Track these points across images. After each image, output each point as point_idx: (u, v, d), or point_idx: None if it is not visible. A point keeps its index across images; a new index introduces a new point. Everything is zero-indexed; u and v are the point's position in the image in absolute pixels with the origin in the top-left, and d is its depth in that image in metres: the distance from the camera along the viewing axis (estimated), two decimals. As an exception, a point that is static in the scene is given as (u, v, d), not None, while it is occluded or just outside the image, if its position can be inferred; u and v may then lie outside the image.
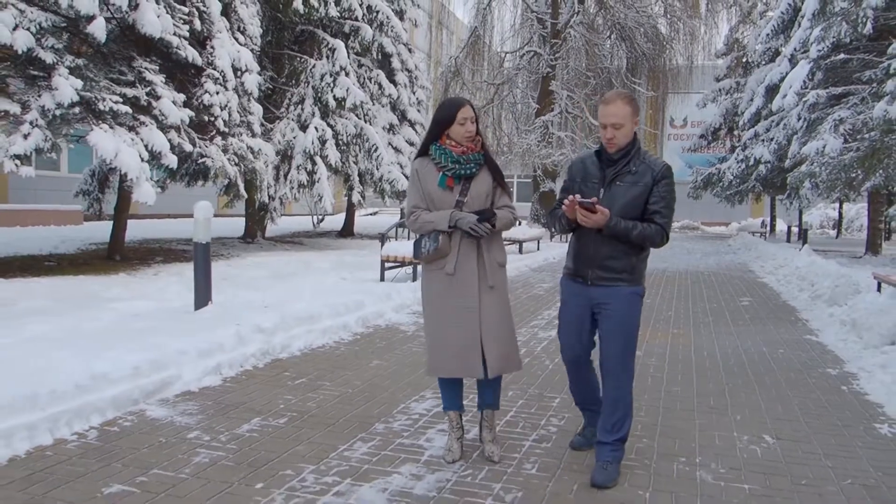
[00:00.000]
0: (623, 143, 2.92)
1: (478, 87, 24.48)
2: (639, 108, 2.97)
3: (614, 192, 2.93)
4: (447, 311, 3.07)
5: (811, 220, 30.67)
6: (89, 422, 3.42)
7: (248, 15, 11.42)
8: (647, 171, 2.91)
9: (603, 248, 2.94)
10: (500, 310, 3.12)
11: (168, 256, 11.68)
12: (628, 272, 2.96)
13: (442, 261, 3.09)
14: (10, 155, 7.39)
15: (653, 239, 2.90)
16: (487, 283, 3.08)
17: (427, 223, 3.08)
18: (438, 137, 3.11)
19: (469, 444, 3.39)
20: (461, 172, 3.07)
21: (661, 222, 2.91)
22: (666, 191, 2.92)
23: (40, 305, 6.33)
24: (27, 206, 17.04)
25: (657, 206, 2.91)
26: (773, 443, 3.50)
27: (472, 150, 3.10)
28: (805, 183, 11.56)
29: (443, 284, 3.09)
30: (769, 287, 10.67)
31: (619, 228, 2.85)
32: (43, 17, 7.65)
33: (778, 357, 5.55)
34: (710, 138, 29.06)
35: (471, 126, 3.06)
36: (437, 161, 3.08)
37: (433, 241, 3.05)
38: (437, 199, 3.09)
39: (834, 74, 13.05)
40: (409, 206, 3.18)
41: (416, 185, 3.14)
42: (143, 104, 8.80)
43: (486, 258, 3.11)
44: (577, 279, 3.06)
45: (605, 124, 2.92)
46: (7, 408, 3.14)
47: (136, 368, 3.89)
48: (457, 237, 3.07)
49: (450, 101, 3.14)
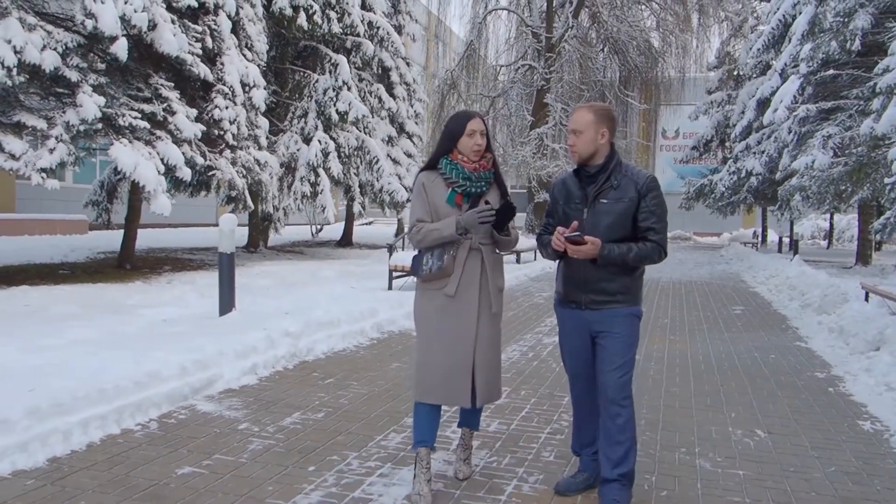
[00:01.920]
0: (585, 152, 2.81)
1: (473, 99, 24.93)
2: (610, 120, 2.84)
3: (598, 210, 2.80)
4: (442, 334, 2.92)
5: (802, 230, 31.28)
6: (148, 414, 3.77)
7: (256, 32, 11.81)
8: (631, 185, 2.78)
9: (594, 270, 2.79)
10: (494, 339, 3.02)
11: (176, 265, 11.98)
12: (623, 293, 2.83)
13: (442, 281, 2.93)
14: (37, 168, 7.73)
15: (650, 258, 2.79)
16: (488, 309, 2.96)
17: (432, 231, 2.90)
18: (449, 151, 2.97)
19: (491, 435, 3.74)
20: (471, 190, 2.94)
21: (655, 239, 2.78)
22: (655, 204, 2.79)
23: (71, 311, 6.66)
24: (34, 215, 17.29)
25: (649, 223, 2.78)
26: (765, 436, 3.88)
27: (483, 167, 2.98)
28: (796, 196, 12.01)
29: (441, 306, 2.93)
30: (761, 296, 11.09)
31: (614, 256, 2.73)
32: (69, 38, 8.01)
33: (769, 361, 5.94)
34: (701, 150, 29.66)
35: (480, 139, 2.92)
36: (448, 176, 2.94)
37: (438, 260, 2.91)
38: (444, 215, 2.94)
39: (824, 89, 13.56)
40: (412, 220, 3.01)
41: (423, 199, 2.98)
42: (159, 119, 9.16)
43: (490, 282, 2.98)
44: (570, 304, 2.91)
45: (568, 130, 2.87)
46: (83, 399, 3.49)
47: (183, 368, 4.23)
48: (461, 256, 2.92)
49: (461, 112, 3.04)
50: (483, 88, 24.95)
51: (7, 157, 7.82)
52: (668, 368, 5.56)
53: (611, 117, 2.84)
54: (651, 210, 2.79)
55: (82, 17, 8.00)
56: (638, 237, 2.80)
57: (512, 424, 3.96)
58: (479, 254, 2.96)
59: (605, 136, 2.82)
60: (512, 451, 3.53)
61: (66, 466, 3.09)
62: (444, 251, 2.92)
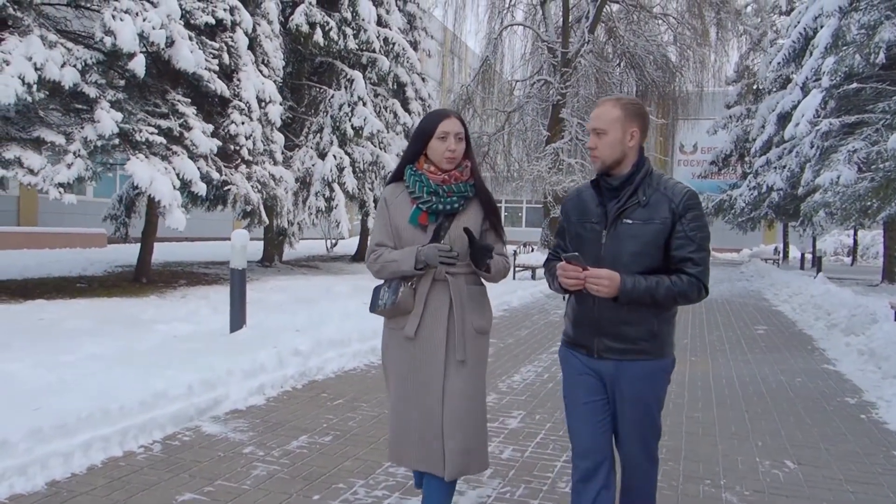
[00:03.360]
0: (609, 157, 2.22)
1: (489, 114, 24.92)
2: (641, 117, 2.24)
3: (621, 233, 2.19)
4: (407, 385, 2.43)
5: (825, 246, 30.74)
6: (152, 436, 3.68)
7: (272, 48, 11.87)
8: (663, 202, 2.17)
9: (612, 309, 2.19)
10: (469, 393, 2.41)
11: (191, 279, 11.98)
12: (648, 340, 2.20)
13: (402, 319, 2.43)
14: (54, 183, 7.76)
15: (686, 296, 2.17)
16: (456, 357, 2.40)
17: (389, 263, 2.42)
18: (416, 158, 2.47)
19: (504, 463, 3.60)
20: (438, 208, 2.40)
21: (694, 272, 2.15)
22: (695, 228, 2.17)
23: (85, 326, 6.63)
24: (55, 228, 17.50)
25: (686, 251, 2.16)
26: (795, 468, 3.69)
27: (456, 178, 2.42)
28: (820, 212, 11.76)
29: (402, 350, 2.44)
30: (784, 315, 10.82)
31: (640, 291, 2.12)
32: (88, 54, 8.07)
33: (796, 385, 5.73)
34: (720, 165, 29.35)
35: (453, 144, 2.39)
36: (411, 190, 2.43)
37: (392, 293, 2.41)
38: (407, 239, 2.43)
39: (847, 103, 13.31)
40: (371, 243, 2.55)
41: (384, 218, 2.50)
42: (175, 135, 9.19)
43: (460, 322, 2.41)
44: (579, 350, 2.30)
45: (589, 129, 2.28)
46: (86, 420, 3.41)
47: (190, 388, 4.15)
48: (423, 289, 2.41)
49: (435, 111, 2.51)
50: (498, 103, 24.94)
51: (26, 171, 7.86)
52: (690, 392, 5.37)
53: (642, 114, 2.25)
54: (689, 236, 2.16)
55: (101, 35, 8.07)
56: (671, 269, 2.18)
57: (526, 451, 3.81)
58: (445, 287, 2.43)
59: (634, 138, 2.23)
60: (526, 480, 3.38)
61: (64, 491, 2.99)
62: (402, 283, 2.42)
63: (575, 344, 2.33)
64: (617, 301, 2.15)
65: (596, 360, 2.27)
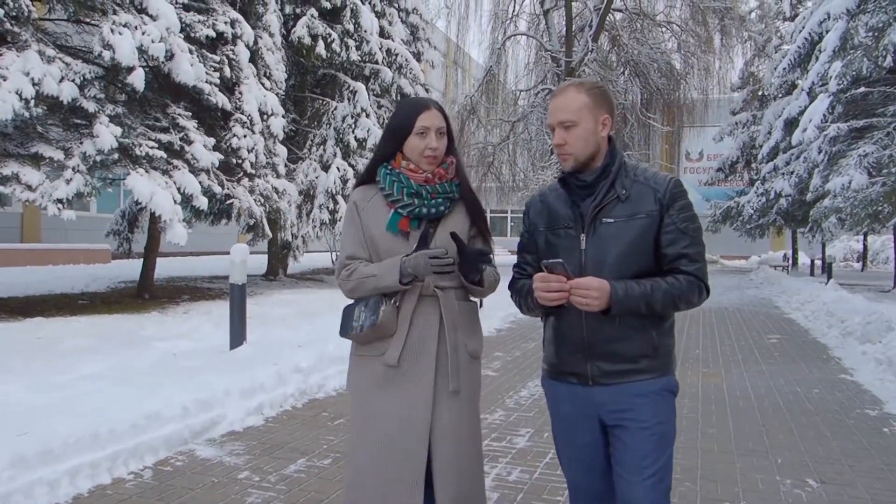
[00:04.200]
0: (582, 152, 1.88)
1: (494, 124, 24.85)
2: (609, 101, 1.93)
3: (602, 234, 1.87)
4: (382, 424, 1.99)
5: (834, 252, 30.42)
6: (144, 461, 3.53)
7: (274, 61, 11.82)
8: (647, 193, 1.88)
9: (604, 324, 1.85)
10: (465, 429, 2.04)
11: (195, 294, 11.87)
12: (650, 357, 1.88)
13: (379, 344, 2.02)
14: (53, 199, 7.67)
15: (687, 297, 1.86)
16: (448, 386, 2.02)
17: (367, 279, 2.02)
18: (391, 156, 2.09)
19: (511, 486, 3.43)
20: (421, 211, 2.04)
21: (691, 270, 1.85)
22: (686, 218, 1.88)
23: (84, 344, 6.51)
24: (58, 245, 17.47)
25: (680, 247, 1.85)
26: (818, 487, 3.50)
27: (441, 176, 2.07)
28: (831, 218, 11.57)
29: (379, 382, 2.02)
30: (797, 323, 10.60)
31: (633, 299, 1.80)
32: (87, 69, 8.01)
33: (813, 397, 5.53)
34: (727, 171, 29.17)
35: (434, 141, 2.03)
36: (388, 192, 2.06)
37: (370, 313, 2.01)
38: (385, 250, 2.05)
39: (854, 107, 13.15)
40: (342, 256, 2.13)
41: (355, 227, 2.10)
42: (176, 149, 9.10)
43: (453, 344, 2.04)
44: (569, 379, 1.94)
45: (552, 125, 1.92)
46: (73, 446, 3.27)
47: (185, 409, 4.01)
48: (409, 307, 2.02)
49: (410, 101, 2.15)
50: (503, 113, 24.88)
51: (24, 188, 7.77)
52: (704, 406, 5.18)
53: (609, 98, 1.94)
54: (681, 228, 1.86)
55: (100, 49, 8.00)
56: (664, 269, 1.88)
57: (535, 473, 3.63)
58: (435, 303, 2.04)
59: (606, 126, 1.91)
60: (535, 504, 3.21)
61: (49, 522, 2.85)
62: (382, 300, 2.02)
63: (562, 373, 1.96)
64: (609, 314, 1.80)
65: (590, 389, 1.90)
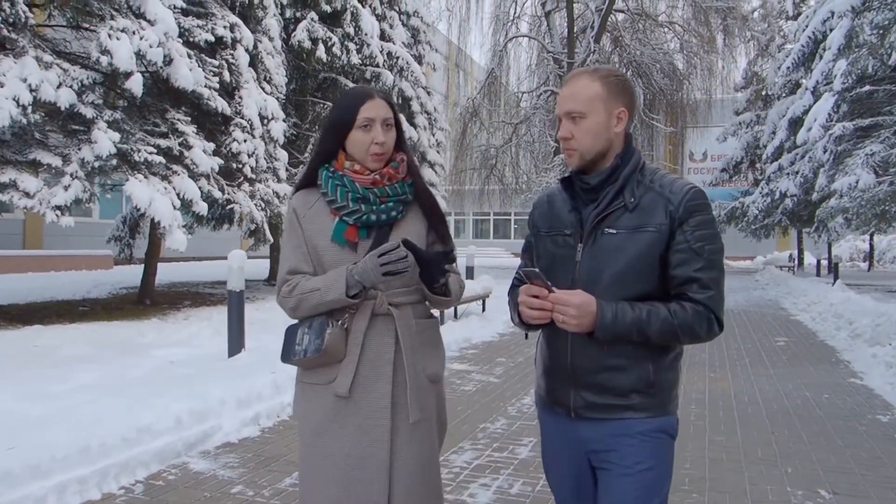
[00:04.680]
0: (589, 149, 1.65)
1: (496, 126, 24.78)
2: (628, 94, 1.68)
3: (601, 247, 1.62)
4: (336, 464, 1.76)
5: (840, 252, 30.26)
6: (135, 475, 3.44)
7: (274, 65, 11.75)
8: (658, 203, 1.60)
9: (590, 349, 1.62)
10: (425, 462, 1.82)
11: (196, 300, 11.81)
12: (644, 392, 1.61)
13: (329, 370, 1.78)
14: (51, 206, 7.61)
15: (691, 330, 1.57)
16: (408, 418, 1.78)
17: (309, 294, 1.76)
18: (333, 156, 1.84)
19: (513, 499, 3.33)
20: (370, 218, 1.79)
21: (700, 297, 1.57)
22: (702, 237, 1.58)
23: (82, 352, 6.44)
24: (61, 251, 17.44)
25: (691, 269, 1.57)
26: (830, 498, 3.39)
27: (391, 177, 1.82)
28: (838, 217, 11.44)
29: (330, 415, 1.77)
30: (804, 325, 10.47)
31: (624, 325, 1.54)
32: (84, 74, 7.95)
33: (823, 402, 5.41)
34: (731, 172, 29.01)
35: (381, 134, 1.79)
36: (331, 198, 1.81)
37: (314, 336, 1.75)
38: (330, 263, 1.79)
39: (860, 106, 13.02)
40: (282, 270, 1.86)
41: (297, 237, 1.84)
42: (175, 154, 9.04)
43: (411, 369, 1.80)
44: (556, 409, 1.71)
45: (560, 115, 1.69)
46: (62, 461, 3.19)
47: (179, 421, 3.92)
48: (359, 327, 1.77)
49: (352, 91, 1.86)
50: (505, 115, 24.80)
51: (22, 195, 7.72)
52: (711, 412, 5.07)
53: (629, 90, 1.68)
54: (694, 248, 1.57)
55: (98, 54, 7.94)
56: (670, 294, 1.60)
57: (537, 485, 3.52)
58: (389, 322, 1.79)
59: (621, 121, 1.66)
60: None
61: (36, 541, 2.76)
62: (328, 321, 1.76)
63: (548, 402, 1.73)
64: (593, 338, 1.56)
65: (575, 423, 1.66)
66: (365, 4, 14.29)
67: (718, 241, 1.62)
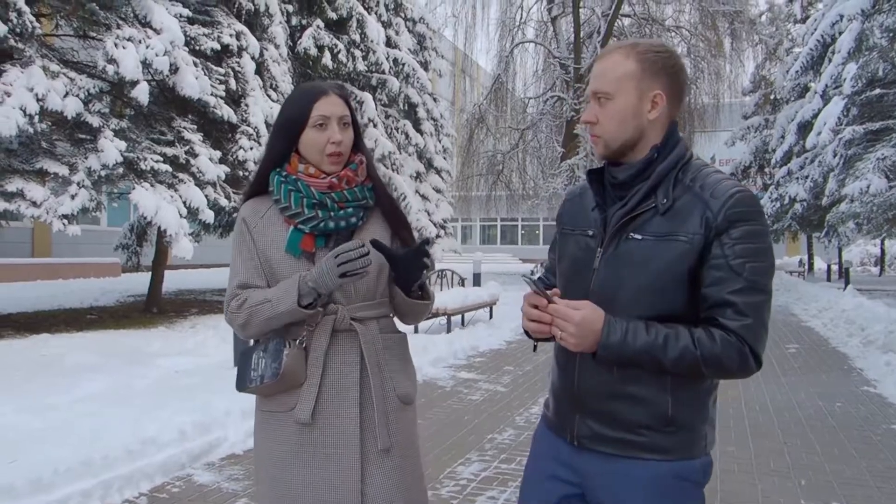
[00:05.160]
0: (615, 136, 1.41)
1: (503, 132, 24.77)
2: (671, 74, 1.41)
3: (624, 254, 1.39)
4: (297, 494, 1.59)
5: (851, 257, 30.01)
6: (139, 488, 3.41)
7: (280, 72, 11.76)
8: (696, 207, 1.34)
9: (597, 372, 1.40)
10: (404, 491, 1.63)
11: (203, 308, 11.82)
12: (659, 430, 1.37)
13: (289, 396, 1.60)
14: (58, 215, 7.62)
15: (718, 363, 1.30)
16: (377, 444, 1.61)
17: (259, 307, 1.59)
18: (284, 158, 1.67)
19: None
20: (328, 226, 1.64)
21: (734, 326, 1.31)
22: (743, 251, 1.31)
23: (87, 361, 6.43)
24: (69, 259, 17.51)
25: (726, 290, 1.31)
26: (845, 510, 3.32)
27: (350, 180, 1.66)
28: (849, 223, 11.33)
29: (292, 446, 1.60)
30: (815, 332, 10.35)
31: (633, 349, 1.31)
32: (91, 83, 7.98)
33: (836, 412, 5.33)
34: (740, 176, 28.84)
35: (338, 132, 1.63)
36: (284, 205, 1.65)
37: (271, 360, 1.59)
38: (285, 276, 1.62)
39: (870, 109, 12.92)
40: (231, 285, 1.68)
41: (247, 249, 1.67)
42: (181, 162, 9.05)
43: (379, 390, 1.63)
44: (560, 434, 1.50)
45: (588, 96, 1.48)
46: (64, 474, 3.16)
47: (183, 432, 3.89)
48: (319, 345, 1.60)
49: (304, 87, 1.72)
50: (512, 121, 24.79)
51: (29, 204, 7.75)
52: (722, 422, 4.98)
53: (674, 69, 1.41)
54: (732, 265, 1.31)
55: (104, 63, 7.97)
56: (700, 317, 1.35)
57: None
58: (353, 339, 1.63)
59: (657, 106, 1.40)
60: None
61: (37, 557, 2.73)
62: (284, 342, 1.60)
63: (553, 423, 1.52)
64: (595, 359, 1.35)
65: (577, 452, 1.44)
66: (371, 11, 14.32)
67: (766, 259, 1.33)
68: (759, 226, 1.34)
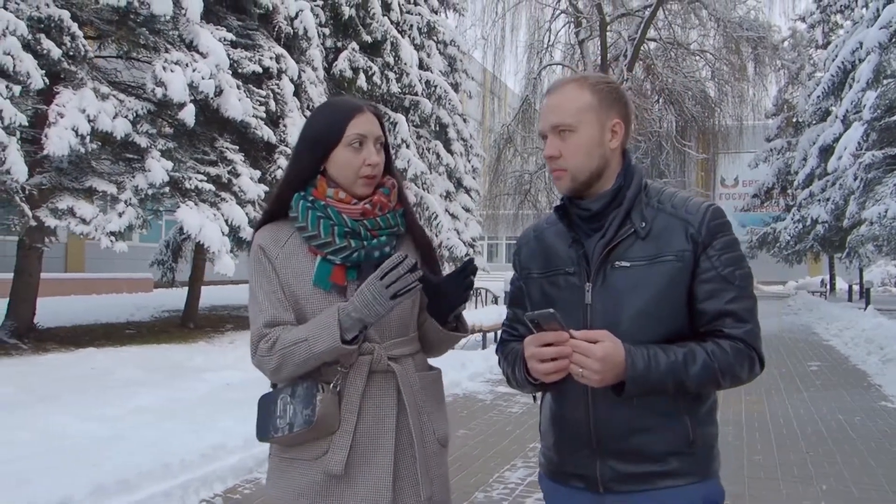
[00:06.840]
0: (582, 169, 1.41)
1: (530, 152, 25.04)
2: (623, 104, 1.46)
3: (615, 285, 1.38)
4: None
5: (872, 277, 29.73)
6: (213, 489, 3.70)
7: (317, 94, 12.16)
8: (676, 226, 1.38)
9: (615, 408, 1.36)
10: None
11: (238, 324, 12.09)
12: (685, 454, 1.37)
13: (316, 445, 1.45)
14: (106, 232, 8.01)
15: (733, 371, 1.35)
16: (420, 493, 1.48)
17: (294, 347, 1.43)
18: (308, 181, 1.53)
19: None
20: (360, 256, 1.49)
21: (738, 333, 1.35)
22: (730, 261, 1.38)
23: (135, 375, 6.70)
24: (102, 274, 17.97)
25: (723, 301, 1.36)
26: (865, 513, 3.54)
27: (383, 206, 1.52)
28: (868, 245, 11.47)
29: (317, 496, 1.45)
30: (836, 350, 10.48)
31: (658, 374, 1.29)
32: (139, 105, 8.39)
33: (856, 425, 5.52)
34: (763, 198, 28.94)
35: (375, 155, 1.50)
36: (312, 233, 1.49)
37: (303, 406, 1.43)
38: (313, 313, 1.48)
39: (889, 135, 13.09)
40: (257, 324, 1.50)
41: (269, 282, 1.51)
42: (224, 181, 9.44)
43: (419, 435, 1.51)
44: (573, 483, 1.44)
45: (544, 130, 1.46)
46: (147, 475, 3.46)
47: (247, 440, 4.15)
48: (355, 388, 1.46)
49: (335, 102, 1.61)
50: (539, 141, 25.04)
51: (78, 221, 8.08)
52: (748, 433, 5.21)
53: (623, 99, 1.46)
54: (723, 276, 1.36)
55: (153, 86, 8.35)
56: (701, 331, 1.38)
57: None
58: (390, 380, 1.50)
59: (617, 135, 1.44)
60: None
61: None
62: (316, 386, 1.44)
63: (563, 474, 1.46)
64: (622, 394, 1.29)
65: (602, 498, 1.39)
66: (404, 35, 14.72)
67: (746, 265, 1.41)
68: (733, 235, 1.42)
